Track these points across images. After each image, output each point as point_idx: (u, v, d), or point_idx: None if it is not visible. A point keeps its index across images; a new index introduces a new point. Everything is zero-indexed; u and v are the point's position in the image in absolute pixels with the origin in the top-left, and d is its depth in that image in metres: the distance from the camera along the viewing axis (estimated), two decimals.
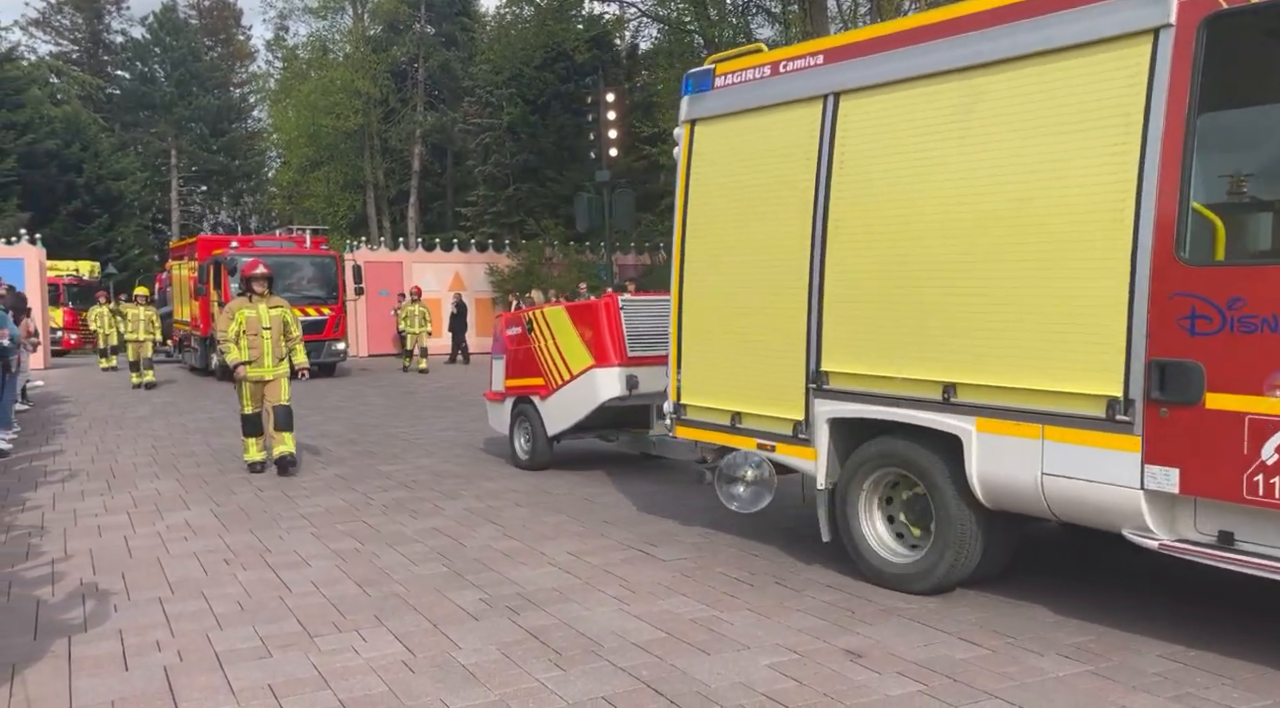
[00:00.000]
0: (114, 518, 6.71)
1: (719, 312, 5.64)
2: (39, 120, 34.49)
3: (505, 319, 9.04)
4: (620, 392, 7.39)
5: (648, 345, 7.48)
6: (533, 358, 8.18)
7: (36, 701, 3.54)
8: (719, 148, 5.66)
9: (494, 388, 8.96)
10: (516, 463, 8.48)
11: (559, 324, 7.95)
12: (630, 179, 29.69)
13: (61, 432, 11.39)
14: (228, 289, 17.51)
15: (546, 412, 8.04)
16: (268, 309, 8.42)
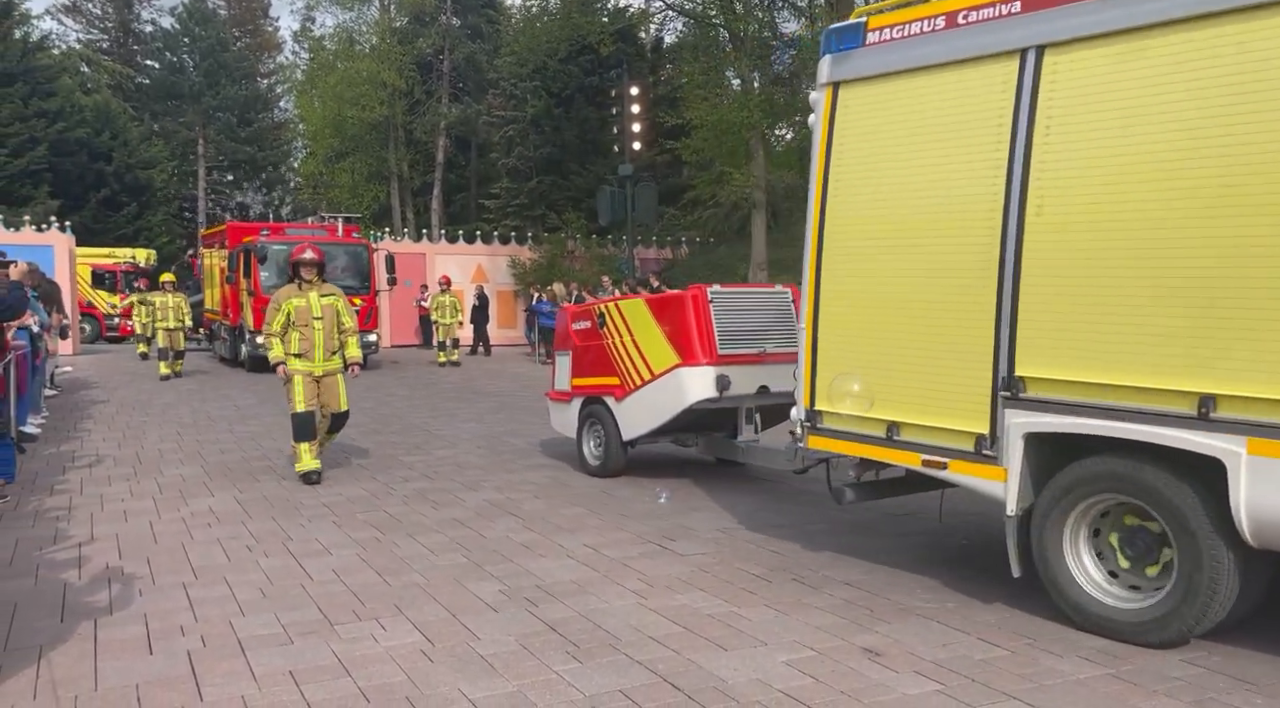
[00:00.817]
0: (139, 503, 6.80)
1: (871, 305, 4.86)
2: (70, 109, 34.91)
3: (571, 313, 8.31)
4: (711, 394, 6.72)
5: (739, 342, 6.88)
6: (605, 355, 7.52)
7: (62, 682, 3.60)
8: (872, 115, 4.88)
9: (558, 387, 8.26)
10: (586, 469, 7.81)
11: (637, 318, 7.29)
12: (653, 173, 29.66)
13: (89, 417, 11.54)
14: (258, 278, 17.28)
15: (622, 414, 7.39)
16: (319, 297, 7.64)
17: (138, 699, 3.45)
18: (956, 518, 6.23)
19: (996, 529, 5.71)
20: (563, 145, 31.95)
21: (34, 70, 34.47)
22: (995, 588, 4.73)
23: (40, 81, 34.39)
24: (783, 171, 28.30)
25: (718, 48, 26.85)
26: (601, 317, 7.66)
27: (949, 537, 5.78)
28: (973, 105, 4.42)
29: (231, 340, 19.21)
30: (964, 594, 4.65)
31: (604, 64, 31.08)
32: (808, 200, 5.23)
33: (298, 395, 7.48)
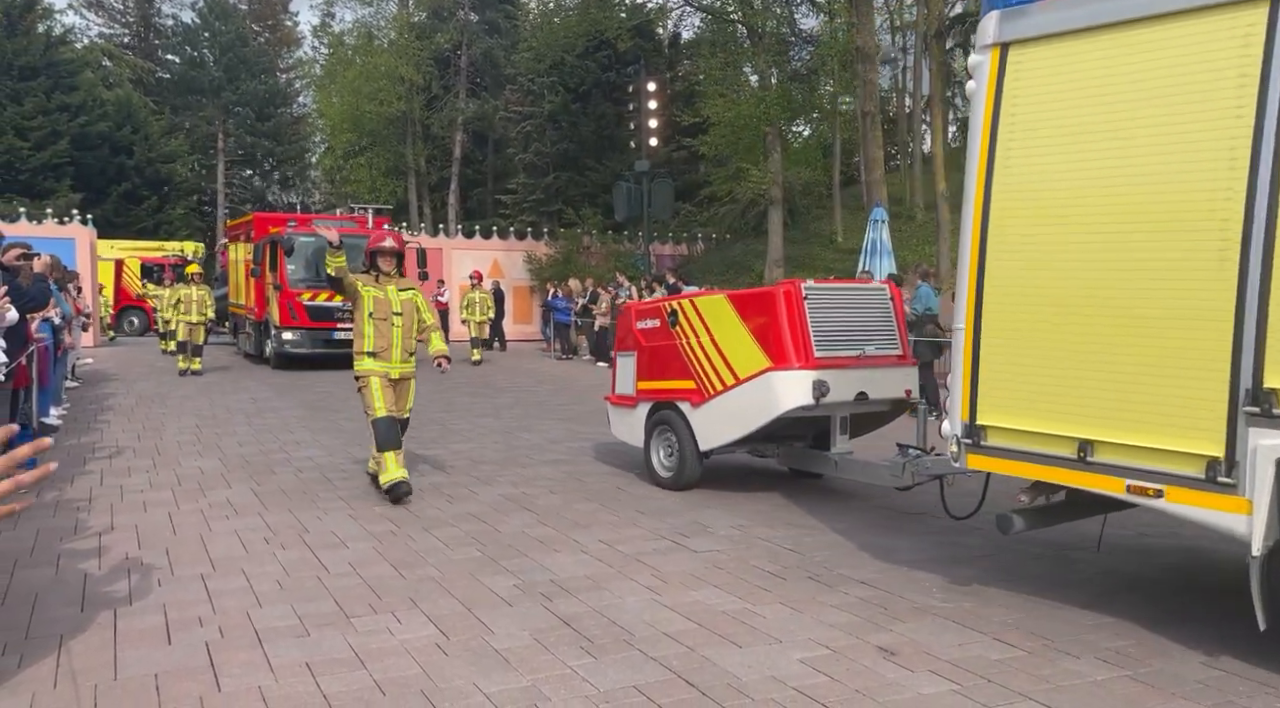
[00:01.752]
0: (158, 495, 6.85)
1: (1055, 303, 4.15)
2: (92, 103, 35.22)
3: (635, 310, 7.67)
4: (806, 401, 6.07)
5: (837, 344, 6.29)
6: (678, 356, 6.91)
7: (82, 671, 3.64)
8: (1054, 81, 4.20)
9: (620, 391, 7.64)
10: (655, 480, 7.14)
11: (719, 316, 6.65)
12: (670, 169, 29.63)
13: (109, 409, 11.65)
14: (284, 271, 16.72)
15: (699, 422, 6.74)
16: (397, 291, 6.82)
17: (156, 689, 3.48)
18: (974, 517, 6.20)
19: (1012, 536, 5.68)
20: (579, 141, 31.98)
21: (56, 64, 34.79)
22: (1012, 588, 4.71)
23: (63, 76, 34.71)
24: (800, 168, 28.23)
25: (735, 43, 26.78)
26: (673, 314, 7.02)
27: (965, 537, 5.75)
28: (1197, 66, 3.70)
29: (257, 336, 18.73)
30: (980, 594, 4.63)
31: (621, 60, 31.07)
32: (967, 181, 4.51)
33: (376, 400, 6.61)
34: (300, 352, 16.73)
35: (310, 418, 10.92)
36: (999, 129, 4.39)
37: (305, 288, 16.73)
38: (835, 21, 27.68)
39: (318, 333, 16.76)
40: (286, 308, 16.70)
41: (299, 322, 16.74)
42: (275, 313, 16.92)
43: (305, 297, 16.68)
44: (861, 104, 22.83)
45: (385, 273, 6.85)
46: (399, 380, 6.80)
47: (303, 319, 16.75)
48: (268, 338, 17.60)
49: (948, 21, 25.40)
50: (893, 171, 31.69)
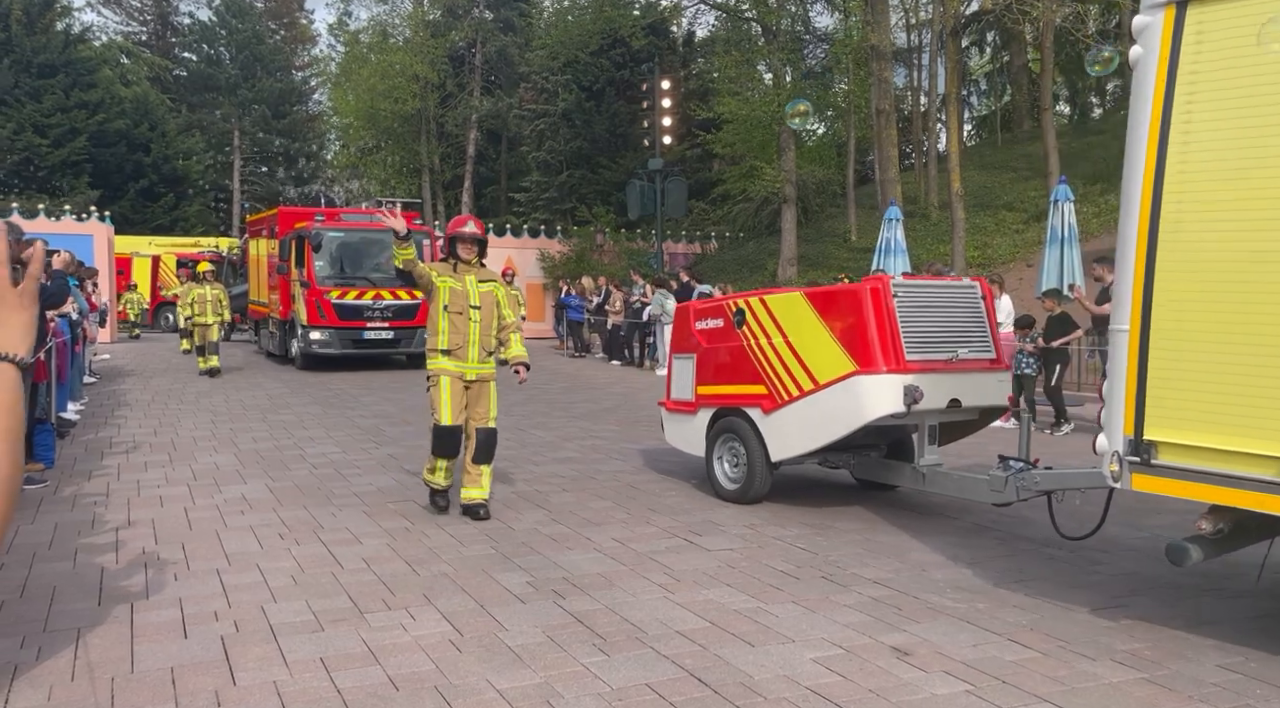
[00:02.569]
0: (175, 490, 6.90)
1: (1250, 302, 3.59)
2: (109, 100, 35.49)
3: (695, 309, 7.18)
4: (896, 408, 5.58)
5: (928, 346, 5.81)
6: (745, 359, 6.41)
7: (99, 664, 3.67)
8: (1248, 43, 3.66)
9: (677, 395, 7.13)
10: (719, 493, 6.64)
11: (795, 315, 6.14)
12: (683, 167, 29.62)
13: (125, 404, 11.74)
14: (311, 267, 15.82)
15: (772, 430, 6.21)
16: (477, 283, 6.10)
17: (173, 683, 3.50)
18: (989, 515, 6.17)
19: (1029, 530, 5.66)
20: (593, 139, 32.00)
21: (75, 62, 35.08)
22: (1027, 590, 4.68)
23: (81, 73, 35.00)
24: (813, 167, 28.16)
25: (749, 41, 26.73)
26: (740, 313, 6.51)
27: (979, 537, 5.72)
28: None
29: (281, 335, 17.80)
30: (995, 595, 4.61)
31: (635, 58, 31.05)
32: (1129, 159, 4.03)
33: (444, 404, 5.95)
34: (328, 352, 15.97)
35: (325, 415, 10.97)
36: (1174, 98, 3.83)
37: (334, 285, 15.94)
38: (850, 19, 27.59)
39: (347, 333, 15.98)
40: (314, 306, 15.87)
41: (327, 321, 15.89)
42: (302, 311, 16.14)
43: (334, 295, 15.86)
44: (876, 102, 22.74)
45: (465, 261, 6.10)
46: (475, 383, 6.04)
47: (331, 318, 15.91)
48: (293, 337, 16.81)
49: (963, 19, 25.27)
50: (907, 170, 31.56)
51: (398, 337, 16.28)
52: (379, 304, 16.09)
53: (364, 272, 16.28)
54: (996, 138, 35.50)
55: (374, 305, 16.11)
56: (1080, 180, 21.00)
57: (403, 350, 16.45)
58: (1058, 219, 13.20)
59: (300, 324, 16.19)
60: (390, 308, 16.16)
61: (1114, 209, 20.02)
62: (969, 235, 20.09)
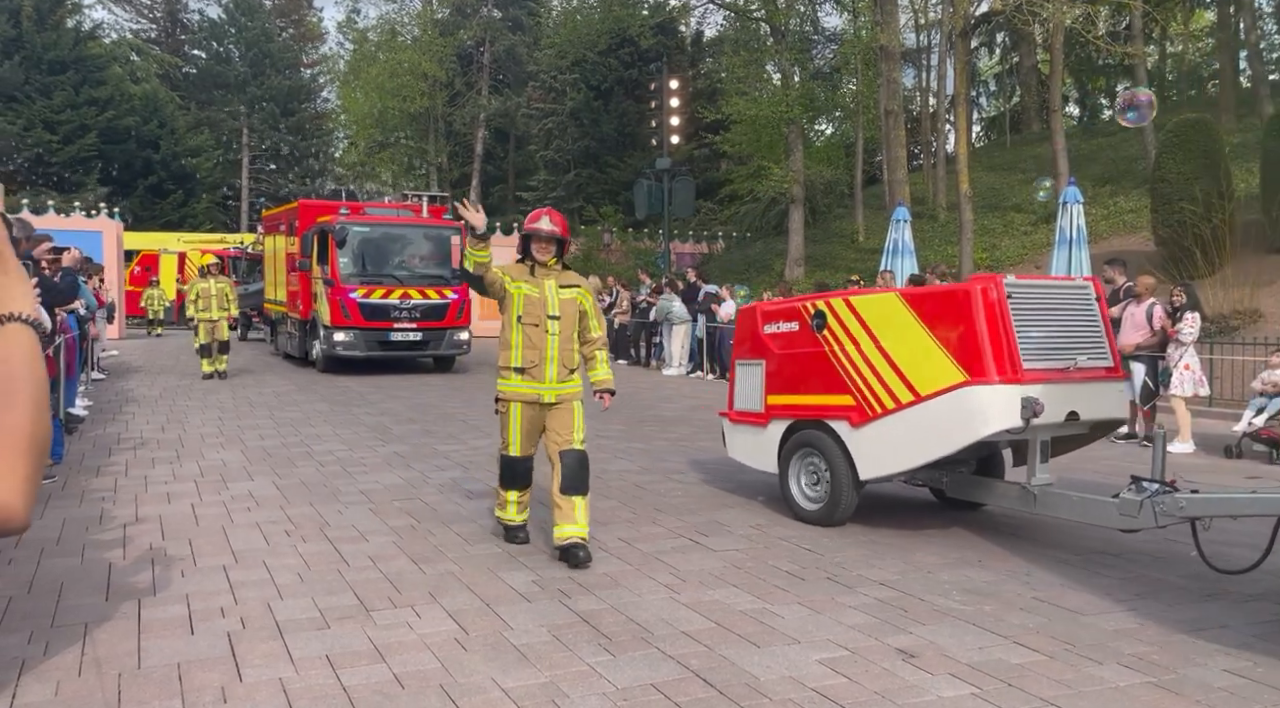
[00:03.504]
0: (181, 486, 6.92)
1: None
2: (119, 98, 35.63)
3: (764, 311, 6.55)
4: (1014, 422, 5.05)
5: (1045, 354, 5.29)
6: (828, 367, 5.81)
7: (106, 660, 3.68)
8: None
9: (742, 406, 6.58)
10: (797, 514, 6.05)
11: (889, 319, 5.57)
12: (691, 167, 29.63)
13: (133, 401, 11.78)
14: (335, 264, 14.86)
15: (861, 445, 5.63)
16: (557, 289, 5.19)
17: (179, 678, 3.51)
18: (996, 518, 6.15)
19: (1035, 533, 5.65)
20: (601, 138, 32.04)
21: (85, 59, 35.22)
22: (1034, 592, 4.67)
23: (91, 70, 35.14)
24: (821, 167, 28.14)
25: (758, 41, 26.72)
26: (820, 316, 5.92)
27: (985, 539, 5.71)
28: None
29: (301, 336, 16.83)
30: (1001, 598, 4.59)
31: (643, 57, 31.09)
32: None
33: (512, 433, 5.20)
34: (353, 354, 14.99)
35: (332, 412, 11.00)
36: None
37: (360, 283, 14.96)
38: (859, 20, 27.55)
39: (373, 334, 15.01)
40: (338, 305, 14.84)
41: (352, 321, 14.87)
42: (325, 311, 15.11)
43: (359, 293, 14.89)
44: (885, 103, 22.70)
45: (542, 264, 5.20)
46: (554, 406, 5.14)
47: (356, 318, 14.89)
48: (314, 338, 15.88)
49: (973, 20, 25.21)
50: (915, 171, 31.49)
51: (426, 338, 15.47)
52: (407, 304, 15.22)
53: (391, 269, 15.39)
54: (1005, 139, 35.41)
55: (401, 305, 15.18)
56: (1089, 182, 20.93)
57: (431, 353, 15.77)
58: (1066, 221, 13.16)
59: (322, 325, 15.26)
60: (418, 308, 15.29)
61: (1124, 211, 19.98)
62: (977, 237, 20.04)
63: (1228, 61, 26.30)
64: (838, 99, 27.90)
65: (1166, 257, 15.62)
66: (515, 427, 5.20)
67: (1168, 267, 15.05)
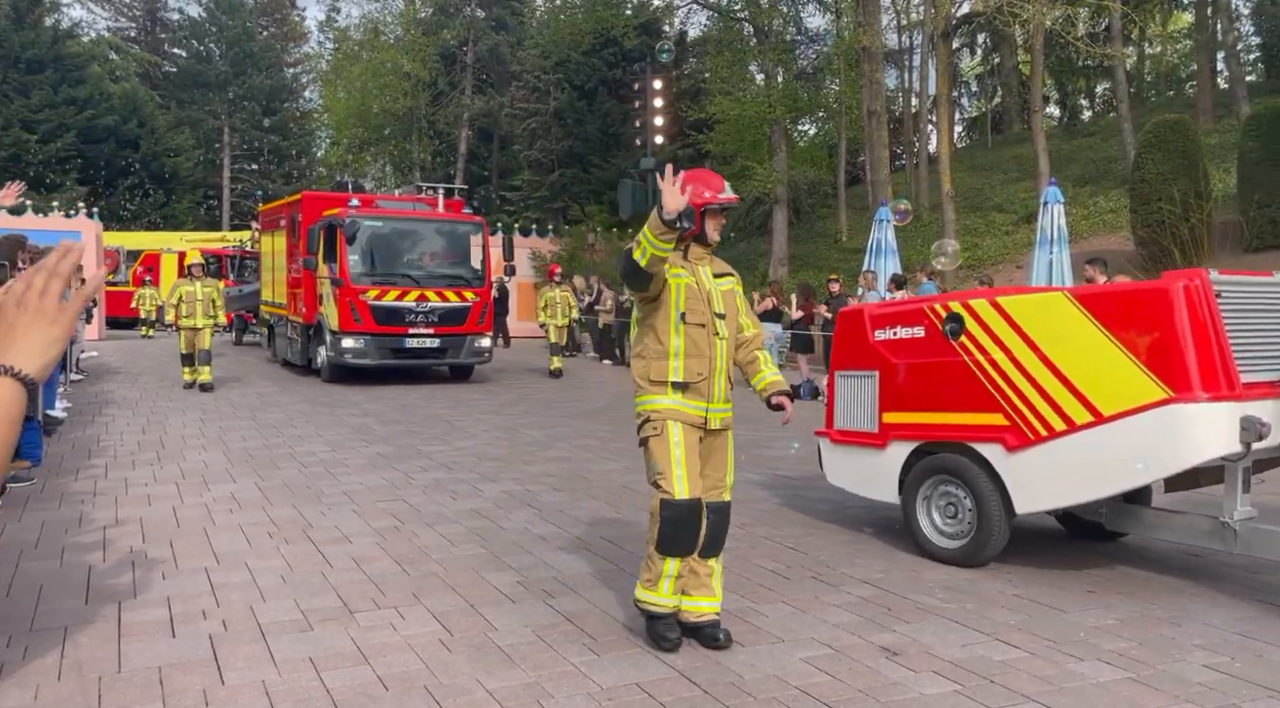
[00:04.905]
0: (163, 488, 6.87)
1: None
2: (98, 96, 35.36)
3: (874, 314, 5.64)
4: (1232, 447, 4.28)
5: (1264, 363, 4.53)
6: (970, 380, 4.98)
7: (87, 663, 3.65)
8: None
9: (847, 423, 5.72)
10: (929, 551, 5.21)
11: (1055, 323, 4.74)
12: (675, 167, 29.62)
13: (113, 402, 11.67)
14: (345, 262, 13.36)
15: (1020, 473, 4.82)
16: (711, 277, 4.04)
17: (160, 682, 3.48)
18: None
19: (1015, 533, 5.68)
20: (585, 138, 32.00)
21: (63, 58, 34.92)
22: (1016, 590, 4.70)
23: (69, 69, 34.85)
24: (805, 167, 28.23)
25: (741, 42, 26.78)
26: (955, 320, 5.10)
27: None
28: None
29: (303, 342, 15.10)
30: (983, 595, 4.62)
31: (627, 57, 31.07)
32: None
33: (676, 464, 3.81)
34: (363, 363, 13.61)
35: (314, 413, 10.94)
36: None
37: (371, 284, 13.51)
38: (842, 20, 27.67)
39: (385, 340, 13.60)
40: (347, 308, 13.37)
41: (363, 326, 13.43)
42: (332, 315, 13.59)
43: (371, 295, 13.45)
44: (867, 103, 22.80)
45: (707, 246, 4.05)
46: (714, 435, 3.96)
47: (368, 323, 13.45)
48: (320, 345, 14.24)
49: (955, 21, 25.36)
50: (898, 171, 31.63)
51: (444, 345, 14.05)
52: (423, 307, 13.78)
53: (406, 268, 14.00)
54: (987, 139, 35.65)
55: (417, 308, 13.73)
56: (1070, 182, 21.10)
57: (449, 362, 14.44)
58: (1047, 221, 13.27)
59: (329, 330, 13.71)
60: (436, 311, 13.88)
61: (1104, 211, 20.16)
62: (959, 236, 20.17)
63: (1205, 63, 26.58)
64: (820, 99, 28.00)
65: (1146, 256, 15.77)
66: (678, 455, 3.79)
67: (1147, 266, 15.19)
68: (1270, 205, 15.38)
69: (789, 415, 4.11)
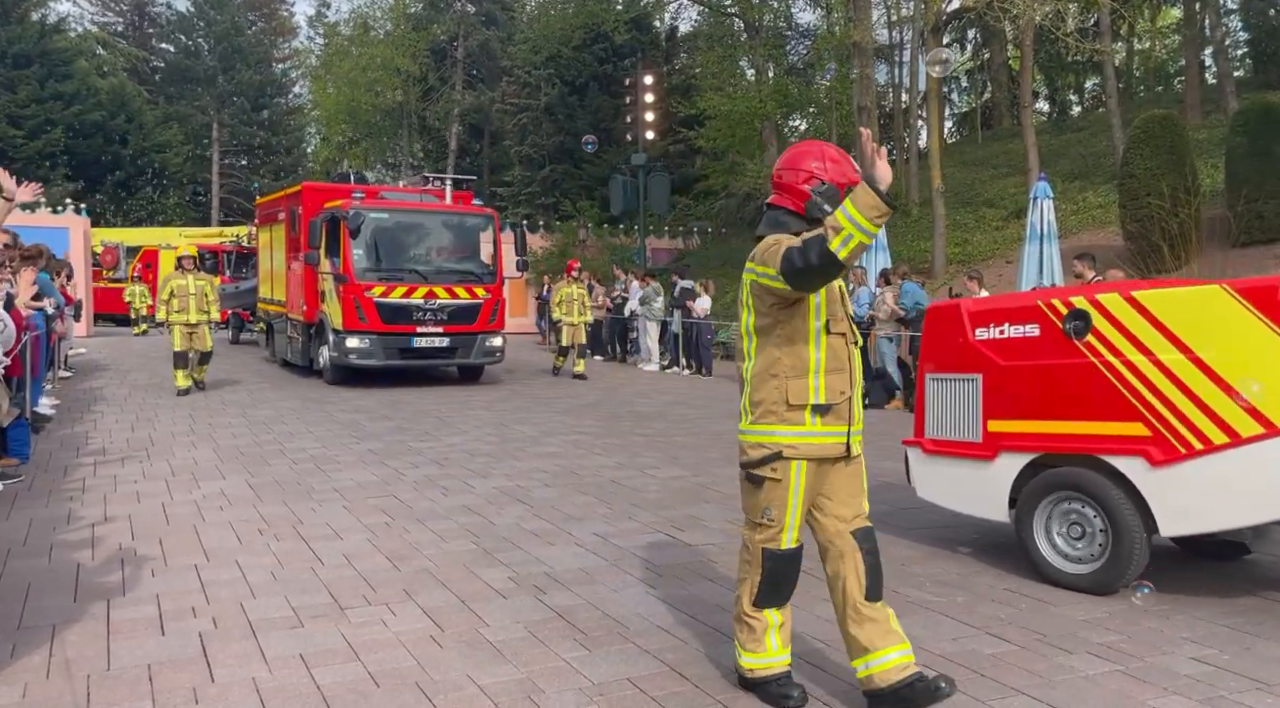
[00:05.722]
0: (152, 485, 6.84)
1: None
2: (86, 92, 35.14)
3: (974, 311, 5.07)
4: None
5: None
6: (1103, 385, 4.47)
7: (75, 662, 3.63)
8: None
9: (944, 433, 5.18)
10: (1051, 577, 4.69)
11: (1210, 321, 4.25)
12: (666, 162, 29.63)
13: (102, 399, 11.62)
14: (349, 257, 12.77)
15: (1168, 491, 4.32)
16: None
17: (150, 680, 3.47)
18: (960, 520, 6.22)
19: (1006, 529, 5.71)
20: (576, 133, 31.92)
21: (50, 53, 34.69)
22: (1005, 584, 4.73)
23: (56, 64, 34.61)
24: None
25: (732, 37, 26.77)
26: (1080, 317, 4.59)
27: (958, 532, 5.76)
28: None
29: (304, 342, 14.44)
30: (973, 589, 4.64)
31: (618, 52, 31.05)
32: None
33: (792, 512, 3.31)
34: (368, 364, 12.97)
35: (304, 410, 10.91)
36: None
37: (377, 280, 12.87)
38: (833, 16, 27.68)
39: (392, 339, 12.94)
40: (351, 306, 12.74)
41: (368, 324, 12.78)
42: (335, 313, 12.94)
43: (377, 291, 12.79)
44: (858, 99, 22.82)
45: None
46: (848, 462, 3.34)
47: (374, 321, 12.79)
48: (322, 344, 13.57)
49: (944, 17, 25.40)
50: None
51: (454, 345, 13.40)
52: (432, 304, 13.12)
53: (413, 263, 13.38)
54: (977, 135, 35.73)
55: (425, 306, 13.09)
56: (1059, 178, 21.17)
57: (459, 362, 13.80)
58: (1037, 216, 13.29)
59: (331, 329, 13.06)
60: (445, 309, 13.22)
61: (1093, 206, 20.22)
62: (949, 232, 20.21)
63: (1193, 58, 26.68)
64: (811, 95, 28.02)
65: (1135, 251, 15.82)
66: (798, 500, 3.27)
67: (1136, 261, 15.25)
68: (1257, 200, 15.44)
69: None
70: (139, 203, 36.33)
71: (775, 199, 3.38)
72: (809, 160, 3.29)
